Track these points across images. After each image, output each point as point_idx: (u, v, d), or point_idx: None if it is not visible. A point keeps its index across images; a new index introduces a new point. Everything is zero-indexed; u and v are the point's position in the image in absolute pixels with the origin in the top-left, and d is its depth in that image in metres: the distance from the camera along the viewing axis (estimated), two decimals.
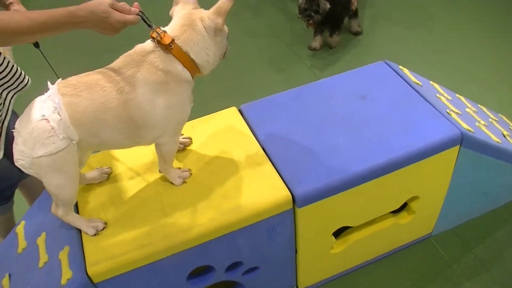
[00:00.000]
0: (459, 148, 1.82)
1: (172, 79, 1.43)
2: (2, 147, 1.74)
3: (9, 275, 1.70)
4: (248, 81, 3.26)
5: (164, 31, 1.43)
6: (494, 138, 2.03)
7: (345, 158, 1.71)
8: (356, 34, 3.56)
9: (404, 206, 2.02)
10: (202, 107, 1.89)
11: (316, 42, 3.40)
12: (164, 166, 1.65)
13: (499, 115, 2.71)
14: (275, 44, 3.59)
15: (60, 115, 1.34)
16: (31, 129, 1.35)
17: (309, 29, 3.35)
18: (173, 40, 1.41)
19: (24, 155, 1.39)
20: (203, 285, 1.73)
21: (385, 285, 2.05)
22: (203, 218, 1.57)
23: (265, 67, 3.37)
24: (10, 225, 2.05)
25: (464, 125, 1.86)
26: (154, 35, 1.41)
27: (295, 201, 1.62)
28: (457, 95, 2.42)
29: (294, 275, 1.94)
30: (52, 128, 1.34)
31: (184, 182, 1.68)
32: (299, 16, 3.22)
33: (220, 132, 1.85)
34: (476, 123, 2.09)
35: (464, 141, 1.80)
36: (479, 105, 2.57)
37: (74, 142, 1.39)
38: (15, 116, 1.77)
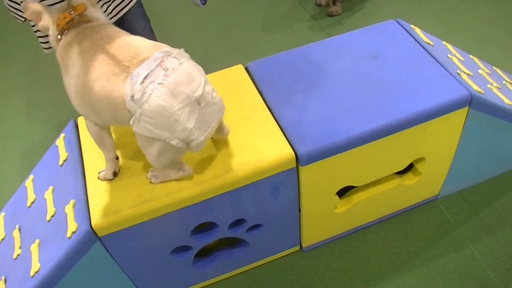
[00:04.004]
0: (468, 110, 1.79)
1: None
2: None
3: (19, 228, 1.75)
4: (258, 39, 3.21)
5: None
6: (506, 101, 1.99)
7: (350, 117, 1.69)
8: None
9: (410, 168, 2.01)
10: (209, 64, 1.88)
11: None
12: None
13: None
14: (286, 1, 3.52)
15: None
16: None
17: None
18: None
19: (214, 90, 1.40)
20: (207, 240, 1.76)
21: (389, 246, 2.06)
22: (207, 175, 1.58)
23: (275, 25, 3.31)
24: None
25: (474, 87, 1.82)
26: None
27: (298, 160, 1.62)
28: (470, 56, 2.36)
29: (298, 233, 1.96)
30: None
31: None
32: None
33: (225, 90, 1.83)
34: (488, 85, 2.05)
35: (473, 103, 1.77)
36: (493, 67, 2.51)
37: None
38: None
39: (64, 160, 1.75)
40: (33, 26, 1.81)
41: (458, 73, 1.87)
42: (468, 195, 2.20)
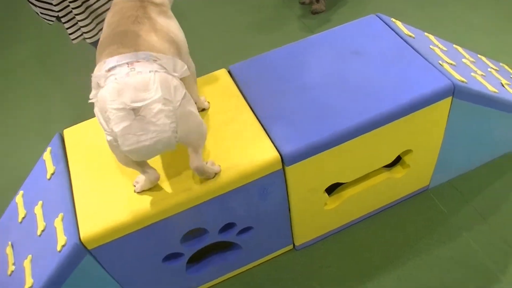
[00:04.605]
0: (452, 99, 1.79)
1: None
2: None
3: (12, 244, 1.75)
4: (245, 41, 3.21)
5: None
6: (491, 88, 1.99)
7: (333, 114, 1.69)
8: None
9: (398, 160, 2.01)
10: (196, 67, 1.86)
11: None
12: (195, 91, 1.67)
13: (501, 64, 2.65)
14: (271, 3, 3.52)
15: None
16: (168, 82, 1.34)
17: None
18: None
19: (169, 115, 1.32)
20: (198, 246, 1.76)
21: (382, 239, 2.06)
22: (193, 181, 1.59)
23: (262, 27, 3.31)
24: None
25: (457, 76, 1.82)
26: None
27: (284, 160, 1.62)
28: (454, 45, 2.36)
29: (290, 232, 1.95)
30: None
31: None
32: None
33: (209, 95, 1.84)
34: (472, 74, 2.05)
35: (456, 92, 1.77)
36: (478, 55, 2.51)
37: None
38: None
39: (52, 174, 1.75)
40: (64, 23, 1.86)
41: (440, 63, 1.87)
42: (459, 183, 2.20)
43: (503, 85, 2.21)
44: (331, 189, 1.93)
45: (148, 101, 1.27)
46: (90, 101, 1.37)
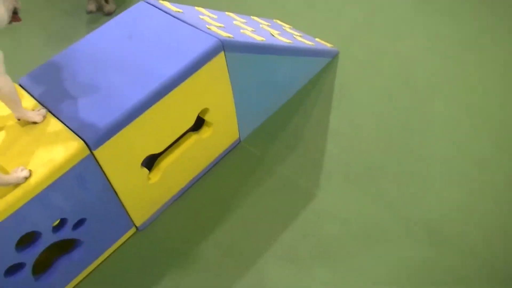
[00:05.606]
0: (224, 54, 2.04)
1: None
2: None
3: None
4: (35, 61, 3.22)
5: None
6: (259, 38, 2.29)
7: (123, 94, 1.85)
8: None
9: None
10: None
11: (92, 5, 3.42)
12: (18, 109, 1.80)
13: (274, 20, 3.02)
14: (57, 15, 3.58)
15: None
16: None
17: None
18: None
19: None
20: (36, 251, 1.79)
21: (214, 195, 2.28)
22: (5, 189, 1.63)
23: (52, 42, 3.35)
24: None
25: (224, 34, 2.08)
26: None
27: (89, 145, 1.73)
28: (226, 13, 2.65)
29: (126, 215, 2.07)
30: None
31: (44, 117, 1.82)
32: None
33: (8, 116, 1.87)
34: (241, 30, 2.34)
35: (225, 46, 2.02)
36: (252, 17, 2.84)
37: None
38: None
39: None
40: None
41: (208, 27, 2.11)
42: (266, 127, 2.51)
43: (272, 35, 2.54)
44: (151, 165, 2.09)
45: None
46: None
